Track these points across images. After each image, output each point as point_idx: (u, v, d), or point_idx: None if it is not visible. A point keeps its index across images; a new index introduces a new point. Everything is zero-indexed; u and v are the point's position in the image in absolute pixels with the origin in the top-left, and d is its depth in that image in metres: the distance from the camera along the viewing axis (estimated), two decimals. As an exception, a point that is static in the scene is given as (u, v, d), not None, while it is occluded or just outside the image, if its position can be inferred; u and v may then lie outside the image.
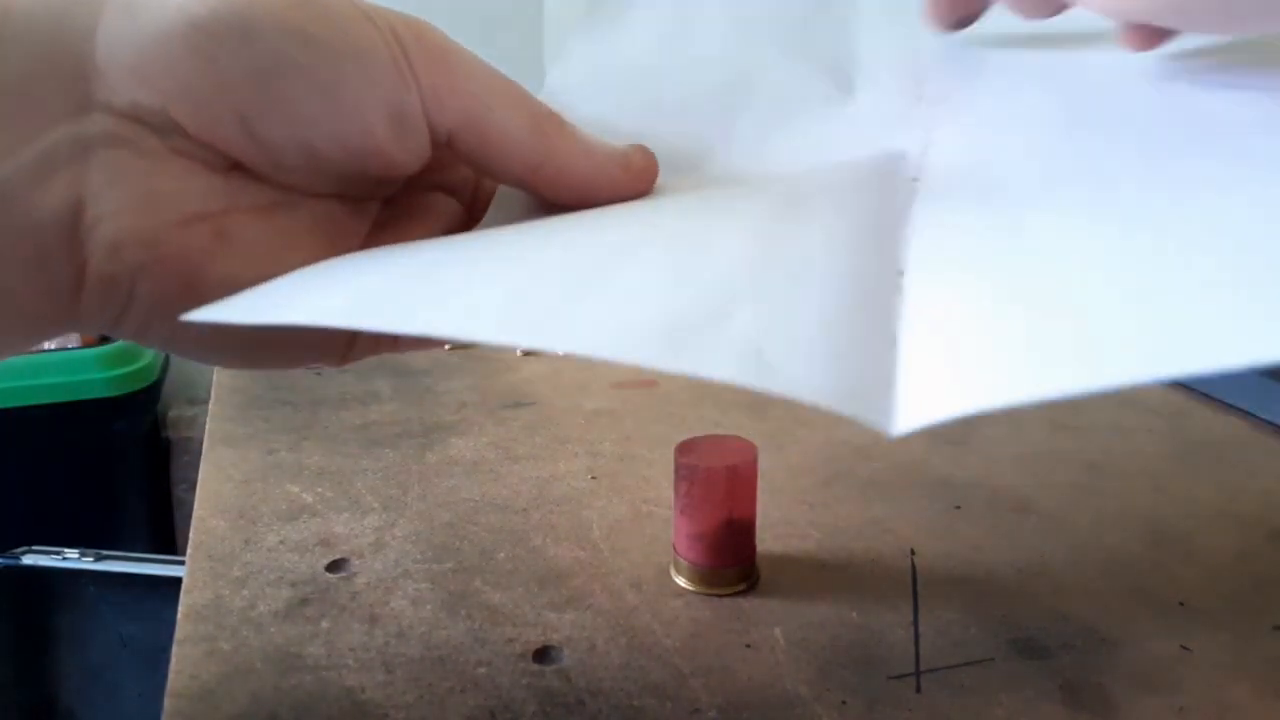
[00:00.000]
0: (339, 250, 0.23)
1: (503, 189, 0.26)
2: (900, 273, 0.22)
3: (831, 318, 0.20)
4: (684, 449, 0.32)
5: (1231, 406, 0.47)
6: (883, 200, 0.25)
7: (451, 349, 0.56)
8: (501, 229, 0.24)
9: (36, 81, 0.20)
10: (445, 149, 0.23)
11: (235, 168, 0.22)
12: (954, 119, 0.28)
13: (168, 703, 0.28)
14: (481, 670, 0.29)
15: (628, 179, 0.25)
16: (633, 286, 0.20)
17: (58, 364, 1.29)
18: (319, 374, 0.52)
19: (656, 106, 0.30)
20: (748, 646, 0.30)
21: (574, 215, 0.24)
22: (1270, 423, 0.45)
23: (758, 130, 0.29)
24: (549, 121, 0.24)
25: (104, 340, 1.35)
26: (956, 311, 0.20)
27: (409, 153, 0.23)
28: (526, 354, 0.55)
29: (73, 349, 1.30)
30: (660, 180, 0.26)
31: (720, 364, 0.18)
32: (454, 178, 0.27)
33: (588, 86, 0.30)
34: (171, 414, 1.48)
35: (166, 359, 1.50)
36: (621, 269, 0.20)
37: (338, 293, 0.20)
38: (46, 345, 1.30)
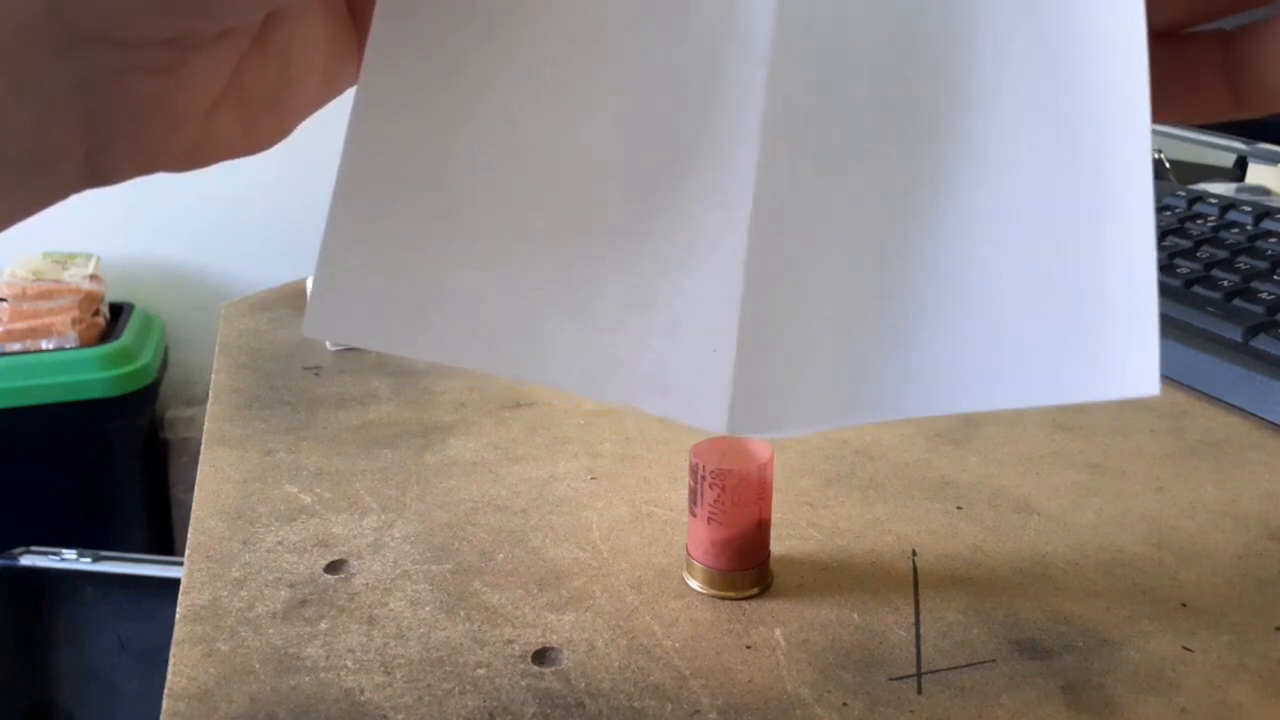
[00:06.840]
0: (305, 61, 0.23)
1: None
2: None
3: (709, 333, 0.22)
4: (703, 453, 0.31)
5: (1232, 406, 0.47)
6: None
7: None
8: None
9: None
10: None
11: (223, 34, 0.21)
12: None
13: (166, 704, 0.28)
14: (481, 671, 0.29)
15: None
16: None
17: (57, 364, 1.29)
18: (317, 374, 0.52)
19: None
20: (748, 648, 0.30)
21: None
22: (1271, 423, 0.45)
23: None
24: None
25: (103, 340, 1.35)
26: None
27: None
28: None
29: (72, 349, 1.30)
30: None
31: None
32: None
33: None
34: (169, 414, 1.48)
35: (165, 360, 1.50)
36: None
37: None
38: (44, 345, 1.29)
